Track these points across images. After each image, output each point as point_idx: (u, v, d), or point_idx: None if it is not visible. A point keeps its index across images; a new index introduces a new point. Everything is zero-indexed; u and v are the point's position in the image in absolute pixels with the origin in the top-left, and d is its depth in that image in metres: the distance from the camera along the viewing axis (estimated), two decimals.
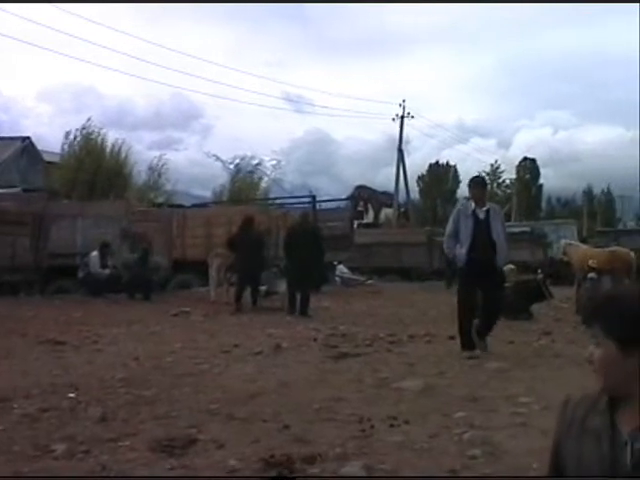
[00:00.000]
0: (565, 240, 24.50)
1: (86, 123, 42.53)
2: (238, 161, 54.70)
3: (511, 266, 20.01)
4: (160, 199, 43.83)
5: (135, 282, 21.12)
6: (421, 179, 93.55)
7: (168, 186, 48.81)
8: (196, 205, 35.18)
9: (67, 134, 42.52)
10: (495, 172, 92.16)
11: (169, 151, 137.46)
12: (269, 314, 17.82)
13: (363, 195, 45.99)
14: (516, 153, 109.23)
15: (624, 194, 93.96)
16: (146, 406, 7.91)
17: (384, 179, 77.70)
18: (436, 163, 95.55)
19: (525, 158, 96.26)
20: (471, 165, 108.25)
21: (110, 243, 22.27)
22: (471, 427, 6.98)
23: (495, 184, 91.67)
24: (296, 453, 6.05)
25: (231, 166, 54.63)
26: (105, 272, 21.55)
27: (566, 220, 51.96)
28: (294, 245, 18.33)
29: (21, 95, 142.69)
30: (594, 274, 18.13)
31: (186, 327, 15.06)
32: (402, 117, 61.34)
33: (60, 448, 6.23)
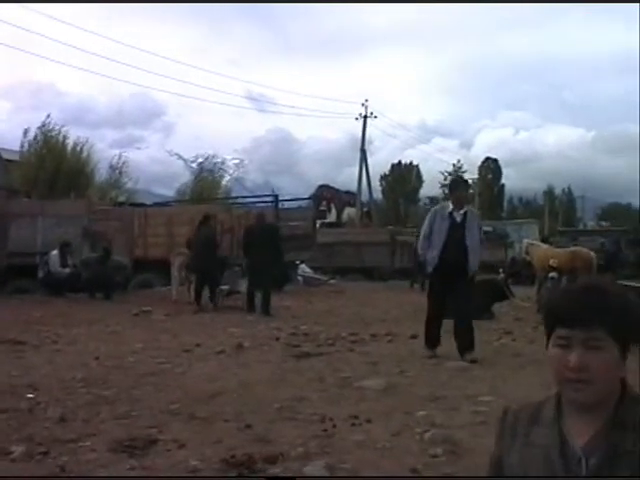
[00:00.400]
0: (527, 240, 24.65)
1: (46, 120, 42.10)
2: (200, 160, 54.53)
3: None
4: (122, 198, 43.49)
5: (96, 281, 20.95)
6: (384, 179, 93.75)
7: (129, 185, 48.52)
8: (158, 204, 34.95)
9: (26, 132, 42.02)
10: (457, 172, 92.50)
11: (131, 149, 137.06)
12: (231, 313, 17.76)
13: (326, 194, 45.93)
14: (478, 153, 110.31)
15: (585, 194, 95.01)
16: (106, 406, 7.86)
17: (347, 179, 77.83)
18: (399, 163, 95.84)
19: (487, 158, 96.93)
20: (433, 165, 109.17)
21: (71, 242, 22.05)
22: (433, 426, 7.00)
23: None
24: (258, 453, 6.04)
25: (193, 165, 54.46)
26: (65, 271, 21.35)
27: (528, 220, 52.39)
28: (252, 244, 18.34)
29: None
30: (555, 274, 18.27)
31: (147, 327, 14.97)
32: (365, 117, 61.48)
33: (18, 450, 6.16)
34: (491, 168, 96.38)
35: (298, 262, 28.79)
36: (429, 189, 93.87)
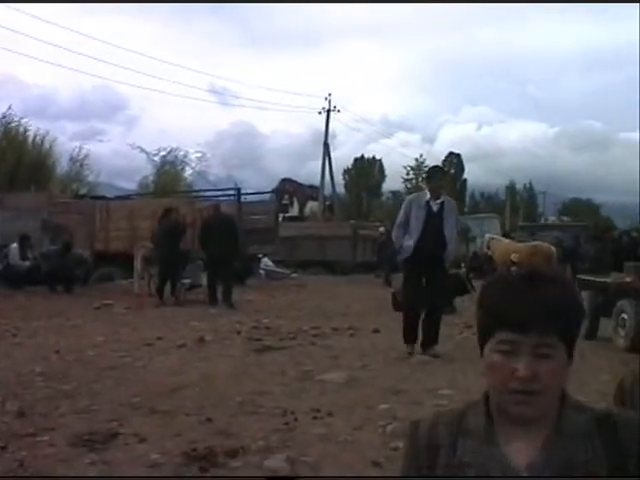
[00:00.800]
0: (489, 235, 24.84)
1: (6, 112, 41.69)
2: (163, 153, 54.32)
3: None
4: (83, 190, 43.16)
5: (56, 274, 20.77)
6: (347, 173, 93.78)
7: (91, 177, 48.21)
8: (119, 197, 34.70)
9: None
10: (420, 167, 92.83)
11: (93, 142, 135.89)
12: (193, 307, 17.69)
13: (288, 188, 45.88)
14: (441, 148, 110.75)
15: (547, 190, 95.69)
16: (66, 400, 7.79)
17: (310, 173, 77.90)
18: (361, 157, 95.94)
19: (451, 153, 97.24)
20: (396, 159, 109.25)
21: (30, 235, 21.87)
22: (394, 419, 7.02)
23: (420, 178, 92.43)
24: (219, 446, 6.02)
25: (155, 158, 54.21)
26: (25, 264, 21.15)
27: (489, 215, 52.61)
28: (209, 237, 18.32)
29: None
30: (516, 268, 18.35)
31: (108, 320, 14.86)
32: (328, 111, 61.35)
33: None
34: (454, 163, 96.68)
35: (260, 256, 28.75)
36: (392, 183, 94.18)
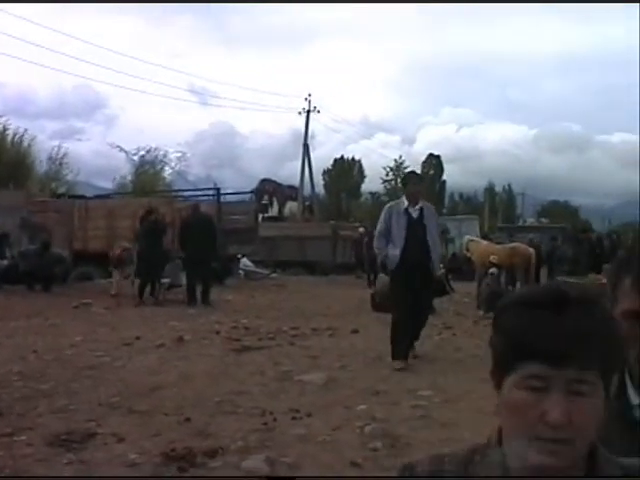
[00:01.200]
0: (468, 236, 24.90)
1: None
2: (142, 153, 54.21)
3: None
4: (62, 190, 43.00)
5: (34, 273, 20.67)
6: (326, 173, 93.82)
7: (70, 176, 48.05)
8: (98, 196, 34.57)
9: None
10: (399, 168, 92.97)
11: (71, 141, 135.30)
12: (171, 307, 17.66)
13: (268, 188, 45.89)
14: (420, 149, 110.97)
15: (525, 192, 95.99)
16: (44, 399, 7.76)
17: (289, 173, 77.73)
18: (341, 158, 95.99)
19: (430, 155, 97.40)
20: (376, 160, 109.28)
21: (8, 233, 21.77)
22: (373, 420, 7.03)
23: (399, 179, 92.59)
24: (197, 446, 6.02)
25: (135, 157, 54.09)
26: (3, 263, 21.05)
27: (468, 216, 52.73)
28: (188, 237, 18.33)
29: None
30: (494, 269, 18.46)
31: (87, 319, 14.81)
32: (308, 111, 61.31)
33: None
34: (433, 164, 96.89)
35: (240, 256, 28.73)
36: (371, 184, 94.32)
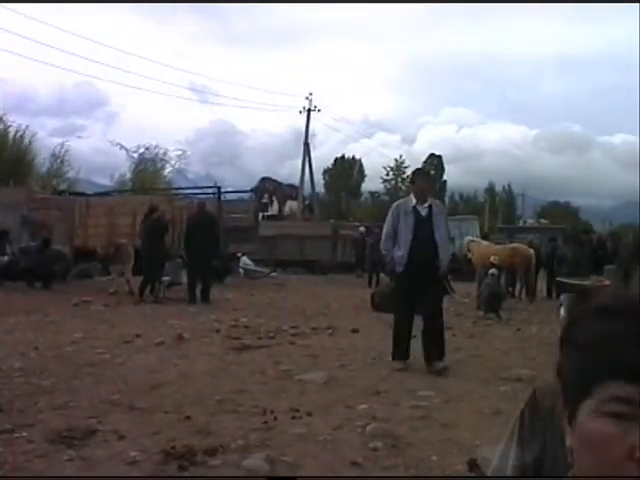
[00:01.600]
0: (468, 237, 24.93)
1: None
2: (142, 150, 54.18)
3: None
4: (63, 186, 42.98)
5: (35, 270, 20.68)
6: (326, 172, 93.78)
7: (71, 174, 48.04)
8: (99, 194, 34.56)
9: None
10: (399, 167, 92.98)
11: (72, 138, 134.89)
12: (172, 305, 17.67)
13: (268, 187, 45.82)
14: (420, 149, 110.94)
15: (525, 192, 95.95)
16: (44, 396, 7.76)
17: (289, 172, 77.74)
18: (342, 157, 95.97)
19: (432, 155, 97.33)
20: (376, 159, 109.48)
21: (9, 230, 21.77)
22: (373, 419, 7.03)
23: (399, 179, 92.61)
24: (197, 444, 6.02)
25: (135, 155, 54.06)
26: (4, 260, 21.05)
27: (469, 216, 52.60)
28: (193, 235, 18.34)
29: None
30: (495, 270, 18.47)
31: (87, 317, 14.82)
32: (309, 110, 61.29)
33: None
34: (434, 164, 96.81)
35: (240, 254, 28.74)
36: (371, 184, 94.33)
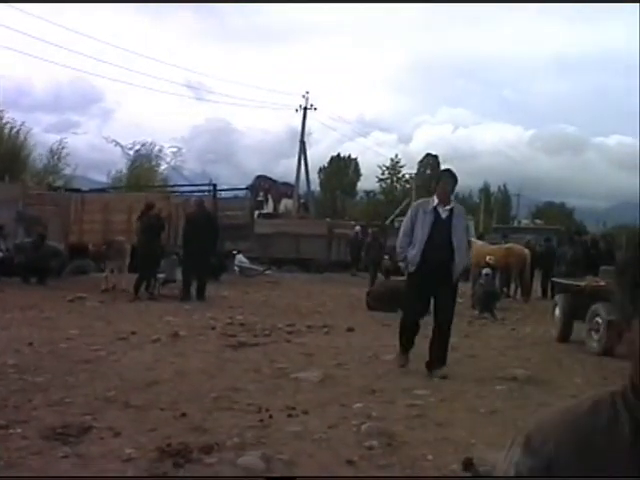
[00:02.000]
0: None
1: None
2: (138, 147, 54.13)
3: None
4: (59, 183, 42.94)
5: (30, 266, 20.63)
6: (322, 171, 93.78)
7: (68, 170, 48.04)
8: (94, 190, 34.48)
9: None
10: (395, 166, 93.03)
11: (67, 134, 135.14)
12: (167, 302, 17.64)
13: (263, 185, 45.91)
14: (416, 148, 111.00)
15: (520, 192, 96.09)
16: (39, 393, 7.74)
17: (285, 170, 77.92)
18: (337, 156, 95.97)
19: (428, 154, 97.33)
20: (371, 159, 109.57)
21: (4, 226, 21.72)
22: (369, 418, 7.04)
23: (395, 178, 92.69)
24: (193, 442, 6.01)
25: (130, 152, 54.01)
26: None
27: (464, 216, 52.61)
28: (192, 232, 18.31)
29: None
30: (489, 270, 18.51)
31: (82, 313, 14.80)
32: (305, 108, 61.26)
33: None
34: (430, 164, 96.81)
35: (235, 252, 28.72)
36: (367, 183, 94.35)
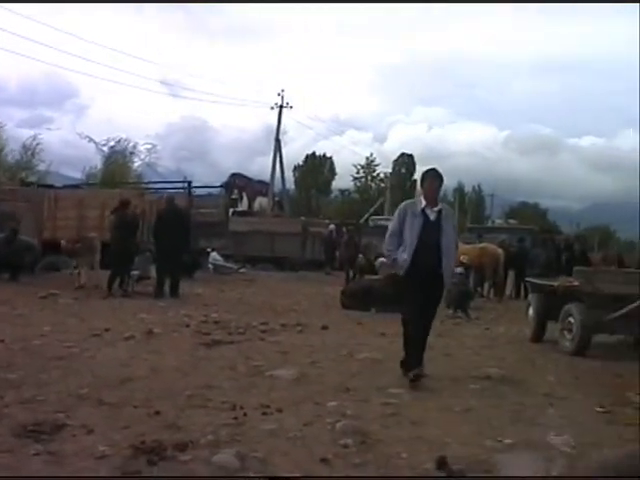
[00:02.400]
0: None
1: None
2: (112, 143, 53.97)
3: (383, 259, 20.38)
4: (32, 178, 42.72)
5: (2, 261, 20.47)
6: (297, 169, 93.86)
7: (42, 166, 47.82)
8: (68, 186, 34.33)
9: None
10: (370, 165, 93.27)
11: (41, 130, 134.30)
12: (140, 299, 17.58)
13: (238, 183, 45.79)
14: (391, 147, 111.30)
15: (494, 193, 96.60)
16: (11, 390, 7.67)
17: (260, 168, 77.78)
18: (312, 154, 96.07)
19: (403, 154, 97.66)
20: (346, 157, 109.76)
21: None
22: (343, 416, 7.02)
23: (370, 177, 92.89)
24: (167, 439, 5.98)
25: (105, 148, 53.82)
26: None
27: None
28: (163, 230, 18.26)
29: None
30: (462, 269, 18.60)
31: (55, 310, 14.72)
32: (280, 107, 61.29)
33: None
34: (405, 163, 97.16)
35: (209, 250, 28.68)
36: (341, 181, 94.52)
